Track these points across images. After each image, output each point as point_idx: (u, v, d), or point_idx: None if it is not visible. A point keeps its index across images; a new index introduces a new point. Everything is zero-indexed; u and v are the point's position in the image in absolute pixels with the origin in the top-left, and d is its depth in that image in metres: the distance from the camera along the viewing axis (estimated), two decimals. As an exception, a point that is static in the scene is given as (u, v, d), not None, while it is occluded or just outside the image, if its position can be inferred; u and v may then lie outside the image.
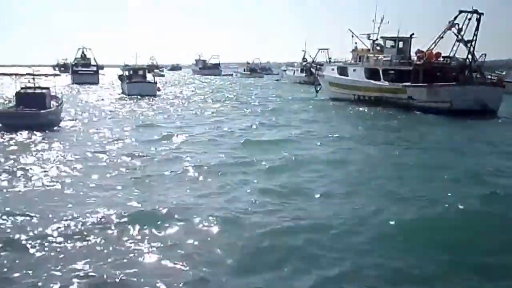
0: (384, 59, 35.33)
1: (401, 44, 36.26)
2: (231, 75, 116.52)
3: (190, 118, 27.27)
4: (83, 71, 73.48)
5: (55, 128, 21.94)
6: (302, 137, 20.49)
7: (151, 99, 39.51)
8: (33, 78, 23.95)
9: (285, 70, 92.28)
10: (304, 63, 78.68)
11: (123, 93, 46.23)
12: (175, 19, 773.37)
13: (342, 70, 39.61)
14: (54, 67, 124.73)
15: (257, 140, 19.27)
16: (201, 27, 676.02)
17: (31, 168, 13.10)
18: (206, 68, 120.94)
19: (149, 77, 48.99)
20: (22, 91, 23.18)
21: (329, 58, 49.30)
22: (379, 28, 37.76)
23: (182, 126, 23.58)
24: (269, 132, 22.21)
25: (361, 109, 32.84)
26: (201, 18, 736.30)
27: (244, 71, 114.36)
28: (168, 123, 24.97)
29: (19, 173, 12.60)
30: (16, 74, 25.14)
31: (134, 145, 17.65)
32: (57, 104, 24.40)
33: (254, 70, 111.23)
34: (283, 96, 46.38)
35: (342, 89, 38.97)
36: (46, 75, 27.41)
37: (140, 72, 48.38)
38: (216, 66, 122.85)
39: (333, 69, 41.32)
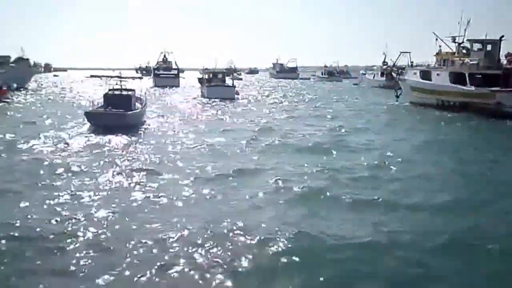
0: (471, 62, 33.68)
1: (489, 47, 34.45)
2: (308, 79, 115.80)
3: (268, 122, 26.87)
4: (165, 74, 75.90)
5: (139, 128, 22.74)
6: (388, 145, 19.39)
7: (230, 102, 39.85)
8: (120, 81, 25.16)
9: (364, 74, 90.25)
10: (385, 67, 76.70)
11: (202, 96, 47.14)
12: (252, 23, 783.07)
13: (425, 74, 38.16)
14: (136, 70, 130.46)
15: (344, 145, 18.98)
16: (278, 30, 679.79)
17: (124, 164, 14.25)
18: (284, 72, 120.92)
19: (228, 80, 49.76)
20: (110, 92, 24.37)
21: (411, 62, 47.54)
22: (465, 30, 36.26)
23: (263, 131, 22.95)
24: (356, 136, 21.63)
25: (448, 115, 31.01)
26: (278, 22, 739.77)
27: (322, 74, 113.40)
28: (249, 126, 24.69)
29: (116, 168, 13.72)
30: (105, 77, 26.42)
31: (214, 145, 17.95)
32: (141, 106, 25.40)
33: (332, 73, 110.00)
34: (363, 100, 45.22)
35: (424, 94, 37.47)
36: (133, 78, 28.70)
37: (220, 76, 49.38)
38: (294, 69, 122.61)
39: (415, 73, 39.89)
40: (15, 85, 46.90)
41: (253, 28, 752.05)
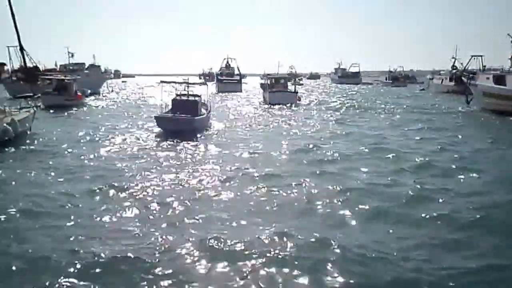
0: (552, 66, 31.80)
1: None
2: (371, 84, 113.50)
3: (335, 128, 26.02)
4: (227, 80, 77.03)
5: (205, 133, 23.19)
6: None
7: (292, 108, 39.67)
8: (188, 86, 25.78)
9: (431, 79, 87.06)
10: (454, 71, 73.83)
11: (264, 101, 47.24)
12: (314, 27, 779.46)
13: (499, 79, 36.29)
14: (199, 76, 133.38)
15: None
16: (340, 34, 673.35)
17: (194, 166, 14.79)
18: (346, 77, 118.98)
19: (289, 86, 49.65)
20: (177, 98, 25.09)
21: (483, 66, 45.37)
22: (546, 31, 34.26)
23: (330, 137, 22.32)
24: (426, 143, 20.15)
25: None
26: (339, 25, 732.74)
27: (386, 79, 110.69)
28: (312, 132, 24.34)
29: (185, 170, 14.14)
30: (174, 83, 27.25)
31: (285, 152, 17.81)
32: (206, 111, 25.89)
33: (396, 78, 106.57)
34: (432, 105, 43.49)
35: (498, 99, 35.62)
36: (200, 84, 29.39)
37: (281, 81, 49.27)
38: (356, 74, 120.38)
39: (488, 78, 38.02)
40: (88, 91, 49.44)
41: (314, 33, 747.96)
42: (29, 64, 71.16)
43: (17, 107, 22.70)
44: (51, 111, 33.57)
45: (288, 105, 41.12)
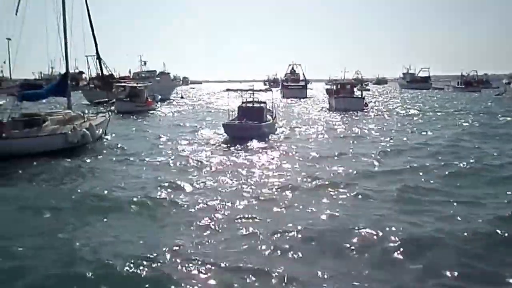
0: None
1: None
2: (442, 89, 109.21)
3: (405, 137, 24.11)
4: (292, 86, 77.32)
5: (271, 138, 23.45)
6: None
7: (358, 114, 38.96)
8: (253, 93, 26.35)
9: (508, 83, 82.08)
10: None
11: (329, 107, 46.78)
12: (381, 30, 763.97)
13: None
14: (264, 82, 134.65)
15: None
16: (409, 37, 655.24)
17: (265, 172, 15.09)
18: (414, 82, 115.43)
19: (356, 92, 49.04)
20: (243, 105, 25.70)
21: None
22: None
23: (405, 145, 21.18)
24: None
25: None
26: (409, 28, 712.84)
27: (458, 84, 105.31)
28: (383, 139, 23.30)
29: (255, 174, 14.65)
30: (240, 90, 27.94)
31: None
32: (271, 117, 26.26)
33: (469, 83, 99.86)
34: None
35: None
36: (265, 90, 29.93)
37: (347, 87, 48.81)
38: (426, 79, 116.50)
39: None
40: (159, 97, 51.48)
41: (381, 36, 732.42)
42: (105, 72, 75.21)
43: (93, 113, 24.22)
44: (124, 116, 35.42)
45: (354, 111, 40.31)
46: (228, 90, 28.51)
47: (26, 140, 17.92)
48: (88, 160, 17.49)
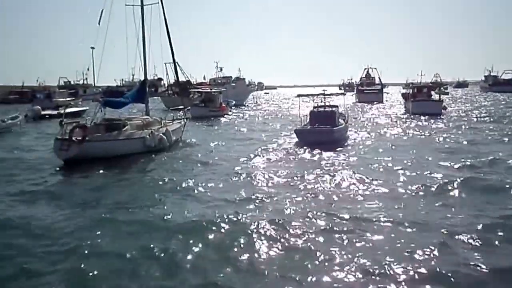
0: None
1: None
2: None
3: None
4: (368, 90, 76.04)
5: (344, 143, 23.06)
6: None
7: (436, 119, 37.06)
8: (324, 98, 26.14)
9: None
10: None
11: (406, 111, 45.66)
12: (460, 31, 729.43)
13: None
14: (339, 86, 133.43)
15: None
16: (491, 37, 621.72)
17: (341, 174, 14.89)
18: (497, 85, 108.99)
19: (434, 95, 47.31)
20: (315, 109, 25.55)
21: None
22: None
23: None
24: None
25: None
26: (492, 28, 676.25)
27: None
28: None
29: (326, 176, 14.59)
30: (311, 95, 27.84)
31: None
32: (344, 122, 25.86)
33: None
34: None
35: None
36: (336, 94, 29.58)
37: (424, 90, 47.44)
38: (510, 81, 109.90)
39: None
40: (233, 102, 52.46)
41: (462, 36, 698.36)
42: (182, 79, 78.27)
43: (170, 119, 25.12)
44: (198, 121, 36.37)
45: (432, 115, 38.60)
46: (299, 95, 28.40)
47: (107, 143, 19.00)
48: (167, 163, 18.42)
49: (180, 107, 28.17)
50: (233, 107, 52.11)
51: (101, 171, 16.24)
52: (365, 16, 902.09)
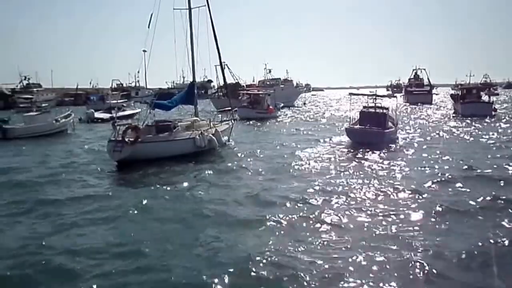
0: None
1: None
2: None
3: None
4: (417, 91, 74.73)
5: (393, 146, 22.75)
6: None
7: (486, 120, 36.07)
8: (375, 99, 25.84)
9: None
10: None
11: (455, 113, 44.87)
12: (505, 27, 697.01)
13: None
14: (387, 87, 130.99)
15: None
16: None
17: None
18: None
19: (483, 96, 46.00)
20: (364, 110, 25.36)
21: None
22: None
23: None
24: None
25: None
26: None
27: None
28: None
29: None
30: (362, 95, 27.66)
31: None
32: (393, 124, 25.50)
33: None
34: None
35: None
36: (389, 96, 29.22)
37: (474, 91, 46.56)
38: None
39: None
40: (281, 104, 52.60)
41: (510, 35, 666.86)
42: (231, 81, 79.44)
43: (218, 120, 25.44)
44: (245, 122, 36.77)
45: (482, 116, 37.67)
46: (350, 94, 28.20)
47: (159, 144, 19.50)
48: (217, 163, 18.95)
49: (227, 108, 28.51)
50: (281, 109, 52.12)
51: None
52: (413, 15, 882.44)
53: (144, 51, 42.14)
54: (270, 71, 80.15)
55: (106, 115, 42.72)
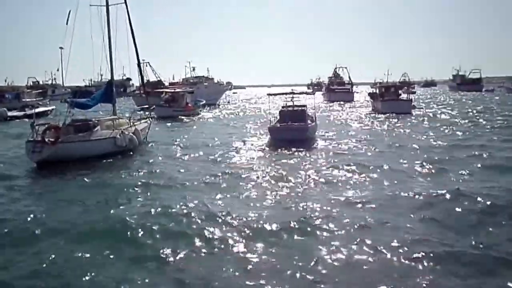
0: None
1: None
2: (493, 91, 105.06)
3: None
4: (339, 89, 76.78)
5: (313, 143, 22.96)
6: None
7: (405, 118, 37.34)
8: (292, 97, 26.52)
9: None
10: None
11: (375, 111, 45.82)
12: (427, 30, 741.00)
13: None
14: (308, 85, 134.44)
15: None
16: (458, 38, 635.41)
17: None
18: (465, 84, 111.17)
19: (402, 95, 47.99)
20: (284, 109, 25.95)
21: None
22: None
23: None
24: None
25: None
26: (460, 27, 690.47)
27: None
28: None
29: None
30: (281, 94, 28.23)
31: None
32: (312, 121, 25.92)
33: None
34: None
35: None
36: (306, 93, 30.06)
37: (392, 90, 47.89)
38: (477, 81, 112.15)
39: None
40: (202, 102, 52.00)
41: (429, 36, 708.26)
42: (153, 79, 78.00)
43: (134, 118, 24.86)
44: (163, 121, 36.10)
45: (401, 114, 39.00)
46: (269, 94, 28.65)
47: (80, 144, 18.90)
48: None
49: (145, 106, 28.05)
50: (202, 107, 51.08)
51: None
52: (332, 15, 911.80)
53: (61, 48, 40.54)
54: (194, 69, 79.79)
55: (20, 113, 40.84)
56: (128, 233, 9.76)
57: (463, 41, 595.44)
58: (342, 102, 65.18)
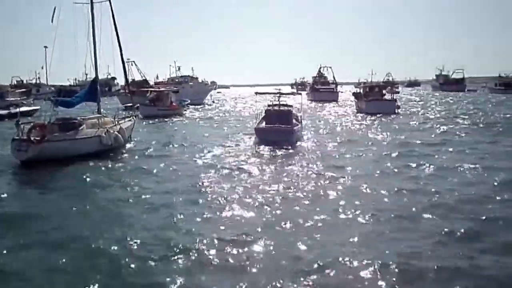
0: None
1: None
2: (475, 91, 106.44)
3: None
4: (323, 89, 77.02)
5: (298, 144, 22.99)
6: None
7: (390, 118, 37.74)
8: (279, 97, 26.62)
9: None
10: None
11: (359, 111, 45.97)
12: (411, 30, 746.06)
13: None
14: (292, 85, 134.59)
15: None
16: (442, 38, 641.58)
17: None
18: (448, 84, 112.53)
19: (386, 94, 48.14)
20: (270, 108, 25.88)
21: None
22: None
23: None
24: None
25: None
26: (441, 27, 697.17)
27: (496, 86, 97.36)
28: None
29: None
30: (268, 93, 28.30)
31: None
32: (298, 122, 25.89)
33: (509, 84, 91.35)
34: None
35: None
36: (293, 93, 30.09)
37: (376, 90, 48.13)
38: (460, 81, 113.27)
39: None
40: (187, 101, 51.85)
41: (412, 36, 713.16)
42: (139, 78, 77.69)
43: (118, 117, 24.68)
44: (147, 120, 36.16)
45: (385, 114, 39.36)
46: (257, 93, 28.62)
47: (66, 142, 18.80)
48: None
49: (129, 105, 27.98)
50: (187, 106, 50.86)
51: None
52: (317, 16, 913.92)
53: (46, 47, 40.20)
54: (179, 68, 79.56)
55: (4, 112, 40.43)
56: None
57: (449, 41, 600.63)
58: (326, 102, 65.29)
